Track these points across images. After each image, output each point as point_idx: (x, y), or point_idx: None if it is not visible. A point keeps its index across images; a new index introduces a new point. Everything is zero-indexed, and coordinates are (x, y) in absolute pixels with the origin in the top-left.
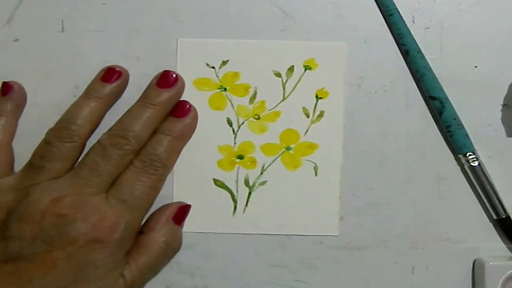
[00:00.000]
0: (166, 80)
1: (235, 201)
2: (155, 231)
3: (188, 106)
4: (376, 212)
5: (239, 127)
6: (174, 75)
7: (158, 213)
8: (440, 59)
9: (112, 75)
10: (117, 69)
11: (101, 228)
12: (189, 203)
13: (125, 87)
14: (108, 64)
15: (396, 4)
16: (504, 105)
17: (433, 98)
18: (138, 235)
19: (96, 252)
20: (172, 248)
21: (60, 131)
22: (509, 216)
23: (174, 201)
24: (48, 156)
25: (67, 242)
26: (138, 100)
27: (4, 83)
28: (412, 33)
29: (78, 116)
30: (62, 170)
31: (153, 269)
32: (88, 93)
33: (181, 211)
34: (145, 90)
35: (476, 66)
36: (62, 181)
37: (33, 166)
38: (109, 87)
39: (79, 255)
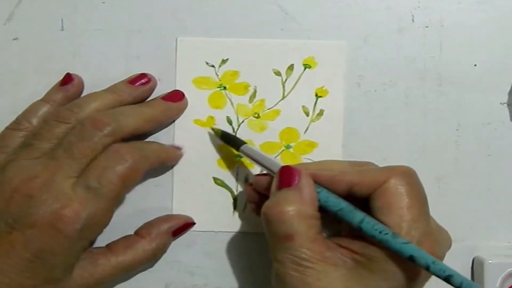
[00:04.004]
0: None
1: (235, 199)
2: (151, 238)
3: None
4: None
5: (239, 126)
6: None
7: (161, 222)
8: (439, 58)
9: (139, 80)
10: (148, 76)
11: (61, 216)
12: (194, 221)
13: (147, 97)
14: (108, 63)
15: (395, 2)
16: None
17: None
18: (132, 236)
19: (54, 240)
20: (156, 259)
21: (61, 112)
22: None
23: (174, 200)
24: (39, 134)
25: (27, 226)
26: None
27: (67, 75)
28: (412, 32)
29: (86, 102)
30: (48, 151)
31: (128, 272)
32: (110, 88)
33: (185, 227)
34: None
35: (475, 65)
36: (38, 162)
37: (24, 143)
38: (132, 89)
39: (37, 241)
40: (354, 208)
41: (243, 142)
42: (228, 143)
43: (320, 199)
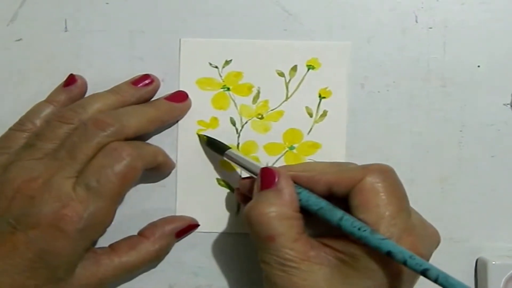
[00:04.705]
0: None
1: None
2: (155, 239)
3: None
4: None
5: (242, 127)
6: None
7: (165, 223)
8: (443, 59)
9: (142, 81)
10: (152, 77)
11: (63, 216)
12: (198, 223)
13: (150, 98)
14: (112, 63)
15: (399, 3)
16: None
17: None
18: (135, 236)
19: (56, 240)
20: (159, 259)
21: (64, 112)
22: None
23: (177, 201)
24: (42, 135)
25: (29, 226)
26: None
27: (70, 76)
28: (415, 33)
29: (89, 103)
30: (50, 152)
31: (131, 272)
32: (113, 89)
33: (189, 229)
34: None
35: (479, 66)
36: (40, 162)
37: (27, 144)
38: (135, 90)
39: (40, 241)
40: (333, 207)
41: (227, 147)
42: (213, 149)
43: (301, 199)
